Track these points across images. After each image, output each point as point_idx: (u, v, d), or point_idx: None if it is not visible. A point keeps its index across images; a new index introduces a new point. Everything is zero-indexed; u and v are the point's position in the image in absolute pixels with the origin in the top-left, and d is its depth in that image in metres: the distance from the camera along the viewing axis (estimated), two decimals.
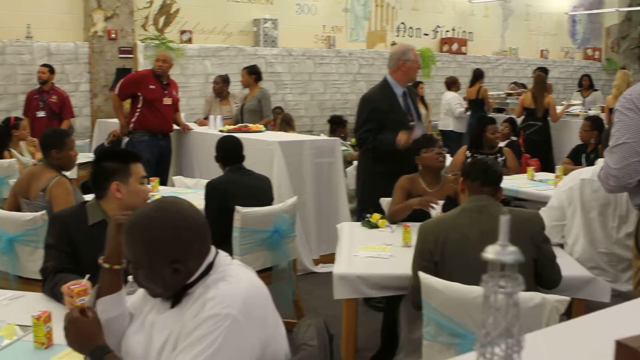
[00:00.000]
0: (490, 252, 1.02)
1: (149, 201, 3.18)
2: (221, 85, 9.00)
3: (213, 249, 2.04)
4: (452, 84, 11.89)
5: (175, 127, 7.80)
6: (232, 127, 7.30)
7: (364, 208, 5.10)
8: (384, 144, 5.16)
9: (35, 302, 2.90)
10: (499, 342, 1.02)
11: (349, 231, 4.31)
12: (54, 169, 4.41)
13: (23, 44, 9.76)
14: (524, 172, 6.63)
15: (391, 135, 5.11)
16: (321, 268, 6.25)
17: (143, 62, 10.34)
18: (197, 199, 4.52)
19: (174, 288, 1.97)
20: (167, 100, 7.57)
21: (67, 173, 4.54)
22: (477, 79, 11.64)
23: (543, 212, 4.01)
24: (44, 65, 8.96)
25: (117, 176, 3.06)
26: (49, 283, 2.92)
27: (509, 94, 12.62)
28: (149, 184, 5.47)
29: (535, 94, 10.12)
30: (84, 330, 2.01)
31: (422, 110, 9.05)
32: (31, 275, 4.17)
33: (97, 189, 3.14)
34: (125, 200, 3.06)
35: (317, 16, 12.72)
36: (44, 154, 4.49)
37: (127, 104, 7.86)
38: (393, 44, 13.43)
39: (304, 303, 5.01)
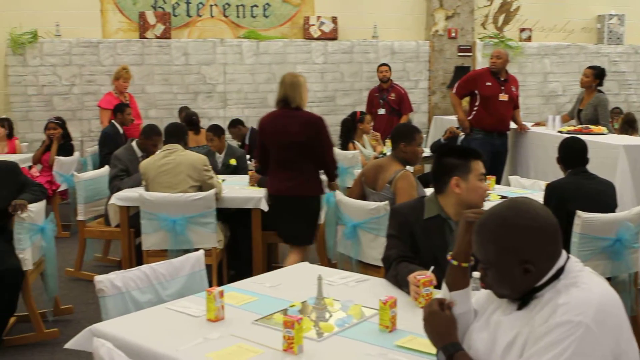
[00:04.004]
0: None
1: (485, 199, 3.20)
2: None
3: (564, 253, 1.97)
4: None
5: (512, 125, 7.72)
6: (572, 128, 7.02)
7: None
8: None
9: (378, 287, 3.07)
10: None
11: None
12: (399, 162, 4.63)
13: (369, 43, 10.40)
14: None
15: None
16: None
17: (481, 61, 10.41)
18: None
19: (522, 290, 1.94)
20: (503, 97, 7.56)
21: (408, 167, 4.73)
22: None
23: None
24: (383, 64, 9.42)
25: (457, 172, 3.13)
26: (393, 270, 3.08)
27: None
28: (486, 181, 5.55)
29: None
30: (441, 325, 2.07)
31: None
32: (371, 261, 4.43)
33: (437, 183, 3.23)
34: (464, 196, 3.12)
35: None
36: (393, 145, 4.73)
37: (464, 102, 7.96)
38: None
39: None
